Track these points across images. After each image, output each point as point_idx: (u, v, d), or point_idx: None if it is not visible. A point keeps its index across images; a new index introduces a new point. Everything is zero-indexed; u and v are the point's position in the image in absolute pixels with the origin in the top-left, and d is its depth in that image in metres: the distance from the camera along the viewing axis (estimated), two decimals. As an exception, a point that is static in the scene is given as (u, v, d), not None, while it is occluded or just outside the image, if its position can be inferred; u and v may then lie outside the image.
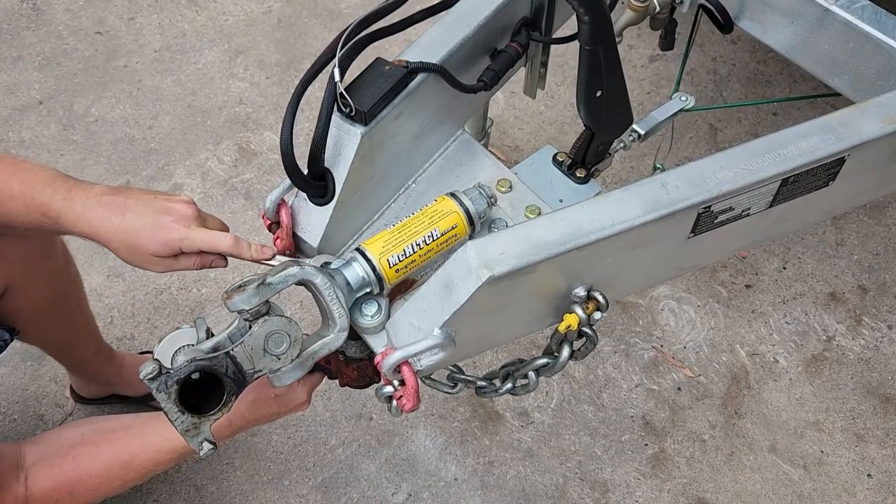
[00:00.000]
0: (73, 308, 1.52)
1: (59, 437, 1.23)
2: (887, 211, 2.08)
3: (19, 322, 1.36)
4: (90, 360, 1.62)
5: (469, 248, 0.94)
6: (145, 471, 1.20)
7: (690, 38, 1.61)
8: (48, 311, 1.41)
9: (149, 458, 1.19)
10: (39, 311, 1.39)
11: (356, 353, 1.20)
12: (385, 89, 1.08)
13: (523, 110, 2.26)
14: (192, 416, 0.93)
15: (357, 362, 1.22)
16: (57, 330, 1.50)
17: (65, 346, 1.57)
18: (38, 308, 1.38)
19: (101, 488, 1.19)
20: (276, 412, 1.20)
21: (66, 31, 2.43)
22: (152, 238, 1.03)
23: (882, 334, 1.90)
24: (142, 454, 1.19)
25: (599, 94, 1.19)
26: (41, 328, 1.44)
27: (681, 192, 1.01)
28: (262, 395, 1.17)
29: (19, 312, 1.34)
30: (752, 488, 1.71)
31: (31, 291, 1.34)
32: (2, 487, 1.12)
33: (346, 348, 1.20)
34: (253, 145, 2.20)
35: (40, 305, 1.38)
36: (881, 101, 1.11)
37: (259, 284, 0.94)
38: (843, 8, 1.27)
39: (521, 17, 1.30)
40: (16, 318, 1.35)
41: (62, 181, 1.06)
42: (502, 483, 1.71)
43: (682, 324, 1.92)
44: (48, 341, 1.54)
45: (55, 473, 1.17)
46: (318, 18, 2.47)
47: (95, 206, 1.04)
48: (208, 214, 1.10)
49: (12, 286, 1.29)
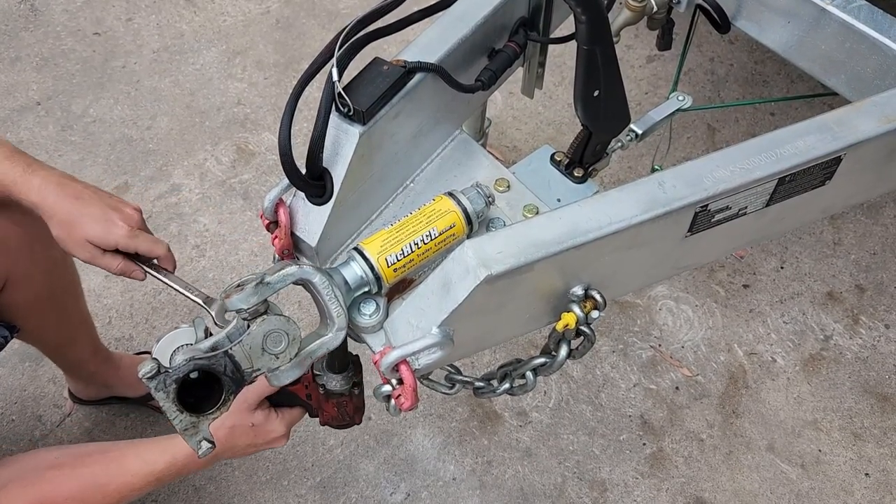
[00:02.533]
0: (70, 303, 1.53)
1: (32, 460, 1.24)
2: (884, 210, 2.09)
3: (18, 317, 1.36)
4: (87, 360, 1.62)
5: (467, 247, 0.94)
6: (120, 495, 1.20)
7: (688, 39, 1.61)
8: (46, 304, 1.42)
9: (125, 483, 1.20)
10: (38, 305, 1.39)
11: (337, 387, 1.22)
12: (383, 89, 1.08)
13: (521, 110, 2.27)
14: (191, 416, 0.93)
15: (338, 397, 1.23)
16: (54, 326, 1.50)
17: (62, 344, 1.57)
18: (37, 301, 1.38)
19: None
20: (251, 443, 1.22)
21: (64, 32, 2.43)
22: (94, 225, 1.11)
23: (879, 333, 1.90)
24: (118, 478, 1.20)
25: (597, 94, 1.19)
26: (39, 323, 1.44)
27: (678, 192, 1.01)
28: (240, 423, 1.19)
29: (18, 307, 1.35)
30: (750, 487, 1.71)
31: (31, 283, 1.34)
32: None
33: (327, 381, 1.22)
34: (251, 146, 2.20)
35: (39, 298, 1.38)
36: (877, 101, 1.11)
37: (257, 284, 0.94)
38: (839, 8, 1.27)
39: (519, 17, 1.30)
40: (15, 314, 1.35)
41: (21, 156, 1.16)
42: (501, 483, 1.72)
43: (680, 323, 1.92)
44: (46, 338, 1.54)
45: (28, 495, 1.16)
46: (316, 19, 2.47)
47: (53, 184, 1.13)
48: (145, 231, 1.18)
49: (12, 278, 1.29)
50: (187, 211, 2.08)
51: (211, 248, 2.02)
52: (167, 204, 2.09)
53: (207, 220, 2.07)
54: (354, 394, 1.24)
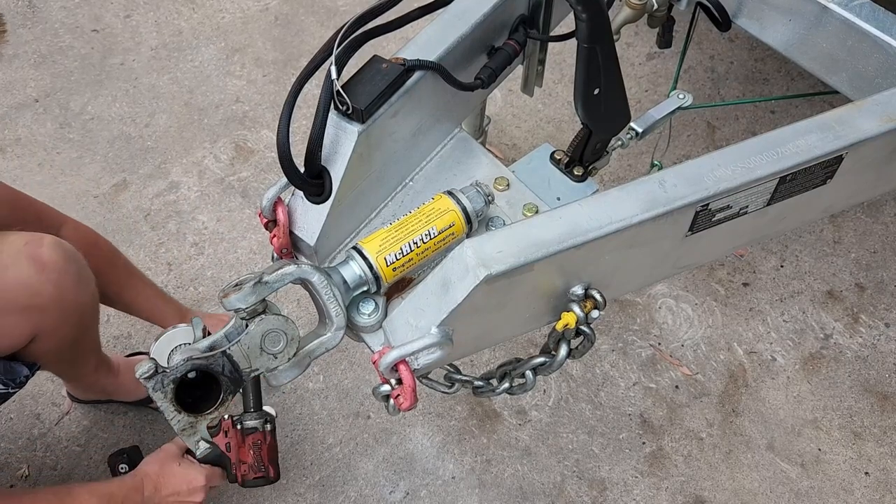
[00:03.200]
0: (88, 340, 1.50)
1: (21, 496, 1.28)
2: (885, 209, 2.08)
3: (40, 359, 1.33)
4: (89, 374, 1.60)
5: (466, 246, 0.94)
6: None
7: (688, 36, 1.61)
8: (68, 347, 1.39)
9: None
10: (61, 350, 1.36)
11: (251, 422, 1.29)
12: (382, 87, 1.08)
13: (521, 108, 2.26)
14: (189, 415, 0.93)
15: (252, 433, 1.29)
16: (69, 358, 1.46)
17: (68, 366, 1.53)
18: (60, 348, 1.35)
19: None
20: (175, 490, 1.32)
21: (62, 29, 2.42)
22: None
23: (879, 332, 1.90)
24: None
25: (597, 92, 1.19)
26: (58, 359, 1.42)
27: (678, 191, 1.00)
28: (169, 465, 1.31)
29: (43, 353, 1.32)
30: (749, 486, 1.71)
31: (59, 334, 1.31)
32: None
33: (243, 419, 1.29)
34: (250, 143, 2.19)
35: (64, 345, 1.35)
36: (879, 100, 1.11)
37: (256, 283, 0.94)
38: (841, 6, 1.27)
39: (519, 14, 1.30)
40: (38, 357, 1.32)
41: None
42: (500, 481, 1.71)
43: (680, 322, 1.92)
44: (58, 367, 1.52)
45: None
46: (314, 16, 2.47)
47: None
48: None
49: (41, 332, 1.26)
50: (186, 209, 2.07)
51: (209, 246, 2.02)
52: (166, 202, 2.08)
53: (206, 218, 2.06)
54: (267, 430, 1.31)
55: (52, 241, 1.22)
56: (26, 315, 1.20)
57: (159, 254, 2.00)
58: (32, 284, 1.19)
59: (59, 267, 1.22)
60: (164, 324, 1.54)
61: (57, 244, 1.23)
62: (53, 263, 1.21)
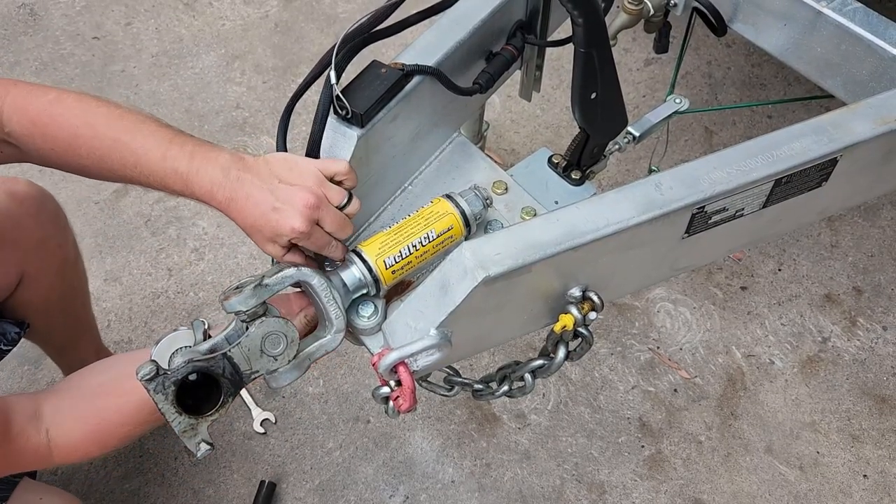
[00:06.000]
0: (78, 305, 1.55)
1: (77, 388, 1.18)
2: (881, 212, 2.09)
3: (29, 314, 1.38)
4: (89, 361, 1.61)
5: (465, 248, 0.95)
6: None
7: (685, 42, 1.62)
8: (56, 305, 1.44)
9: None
10: (48, 304, 1.41)
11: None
12: (381, 92, 1.09)
13: (519, 114, 2.27)
14: (190, 418, 0.93)
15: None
16: (62, 326, 1.51)
17: (67, 346, 1.58)
18: (47, 300, 1.40)
19: (132, 434, 1.14)
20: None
21: (63, 37, 2.43)
22: (264, 231, 1.00)
23: (877, 335, 1.91)
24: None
25: (594, 97, 1.19)
26: (48, 322, 1.45)
27: (675, 193, 1.01)
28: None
29: (30, 304, 1.37)
30: (748, 489, 1.72)
31: (43, 281, 1.36)
32: (22, 440, 1.08)
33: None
34: (250, 149, 2.20)
35: (50, 297, 1.40)
36: (873, 103, 1.12)
37: (256, 286, 0.95)
38: (835, 10, 1.28)
39: (517, 20, 1.31)
40: (26, 311, 1.37)
41: (179, 143, 1.08)
42: (499, 485, 1.72)
43: (678, 325, 1.92)
44: (52, 339, 1.55)
45: (81, 427, 1.12)
46: (314, 23, 2.48)
47: (219, 186, 1.07)
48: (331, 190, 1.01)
49: (26, 275, 1.31)
50: (186, 214, 2.08)
51: (210, 252, 2.02)
52: (166, 207, 2.09)
53: (206, 224, 2.07)
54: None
55: (28, 181, 1.29)
56: (10, 248, 1.25)
57: (160, 259, 2.01)
58: (13, 215, 1.25)
59: (36, 202, 1.28)
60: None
61: (32, 183, 1.30)
62: (32, 198, 1.28)
